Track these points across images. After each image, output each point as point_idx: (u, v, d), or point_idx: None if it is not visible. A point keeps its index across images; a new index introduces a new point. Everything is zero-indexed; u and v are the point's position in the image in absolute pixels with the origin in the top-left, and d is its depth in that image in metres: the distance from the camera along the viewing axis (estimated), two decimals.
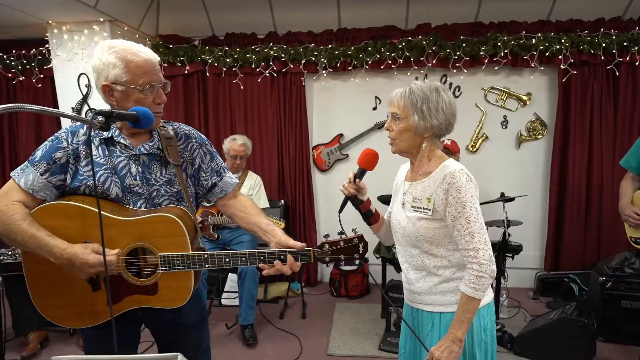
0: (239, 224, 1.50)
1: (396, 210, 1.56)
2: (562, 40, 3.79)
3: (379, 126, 4.27)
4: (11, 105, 0.95)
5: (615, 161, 3.93)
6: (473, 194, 1.36)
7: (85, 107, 4.01)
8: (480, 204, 1.93)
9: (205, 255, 1.30)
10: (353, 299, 4.03)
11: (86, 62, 3.91)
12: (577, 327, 2.70)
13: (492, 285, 1.47)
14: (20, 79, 4.43)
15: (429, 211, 1.40)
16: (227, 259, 1.30)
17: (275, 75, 4.19)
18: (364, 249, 1.35)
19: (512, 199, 3.39)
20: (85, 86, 3.96)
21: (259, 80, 4.20)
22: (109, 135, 1.35)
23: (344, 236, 1.36)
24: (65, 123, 4.08)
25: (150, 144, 1.39)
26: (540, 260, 4.20)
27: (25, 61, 4.37)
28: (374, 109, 4.31)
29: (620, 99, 3.86)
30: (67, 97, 4.02)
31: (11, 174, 1.31)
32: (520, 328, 3.04)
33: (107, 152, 1.35)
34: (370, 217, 1.60)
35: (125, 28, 4.00)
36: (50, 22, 3.87)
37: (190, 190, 1.46)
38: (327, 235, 1.37)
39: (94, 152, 1.34)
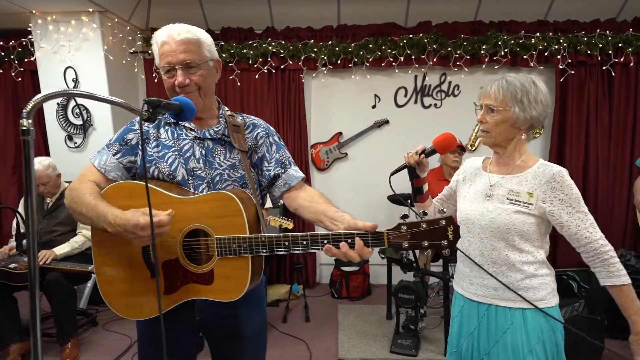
0: (304, 217, 1.37)
1: (474, 201, 1.52)
2: (561, 41, 3.84)
3: (379, 125, 4.22)
4: (58, 91, 0.83)
5: (610, 159, 4.02)
6: None
7: (72, 103, 3.79)
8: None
9: (263, 239, 1.17)
10: (355, 300, 3.95)
11: (73, 55, 3.69)
12: (589, 324, 2.71)
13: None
14: None
15: (530, 205, 1.39)
16: (287, 243, 1.16)
17: (273, 71, 4.07)
18: (454, 234, 1.09)
19: None
20: (72, 80, 3.73)
21: (256, 77, 4.07)
22: (173, 121, 1.34)
23: (426, 217, 1.13)
24: (50, 120, 3.83)
25: (216, 129, 1.36)
26: None
27: (3, 53, 4.09)
28: (373, 107, 4.25)
29: (615, 99, 3.94)
30: None
31: (89, 157, 1.36)
32: None
33: (175, 135, 1.34)
34: (418, 195, 1.64)
35: (116, 20, 3.80)
36: (33, 11, 3.63)
37: (254, 177, 1.38)
38: (404, 216, 1.19)
39: (163, 135, 1.34)
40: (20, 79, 4.12)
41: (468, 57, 3.94)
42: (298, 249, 1.17)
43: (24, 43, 3.99)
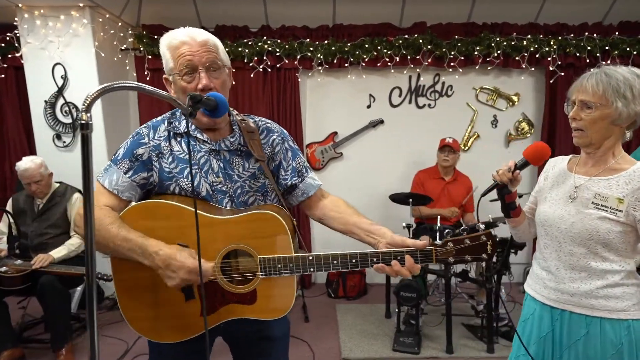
0: (331, 227, 1.34)
1: (554, 204, 1.43)
2: (551, 43, 3.94)
3: (374, 124, 4.23)
4: (112, 84, 0.79)
5: None
6: None
7: (61, 101, 3.66)
8: (491, 201, 1.86)
9: (310, 258, 1.15)
10: (352, 300, 3.95)
11: (62, 51, 3.57)
12: None
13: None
14: None
15: (619, 212, 1.28)
16: (335, 262, 1.15)
17: (268, 70, 4.03)
18: (492, 247, 1.18)
19: (520, 196, 3.46)
20: (61, 77, 3.60)
21: (252, 76, 4.03)
22: (184, 130, 1.23)
23: (466, 233, 1.20)
24: (37, 118, 3.70)
25: (232, 139, 1.26)
26: (528, 255, 4.33)
27: None
28: (368, 107, 4.26)
29: None
30: (39, 90, 3.65)
31: (96, 177, 1.21)
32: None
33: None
34: (512, 210, 1.52)
35: (107, 16, 3.69)
36: (20, 5, 3.49)
37: (274, 185, 1.33)
38: (449, 233, 1.22)
39: (176, 147, 1.23)
40: (3, 76, 3.96)
41: (462, 58, 3.99)
42: (347, 267, 1.17)
43: (7, 38, 3.82)
